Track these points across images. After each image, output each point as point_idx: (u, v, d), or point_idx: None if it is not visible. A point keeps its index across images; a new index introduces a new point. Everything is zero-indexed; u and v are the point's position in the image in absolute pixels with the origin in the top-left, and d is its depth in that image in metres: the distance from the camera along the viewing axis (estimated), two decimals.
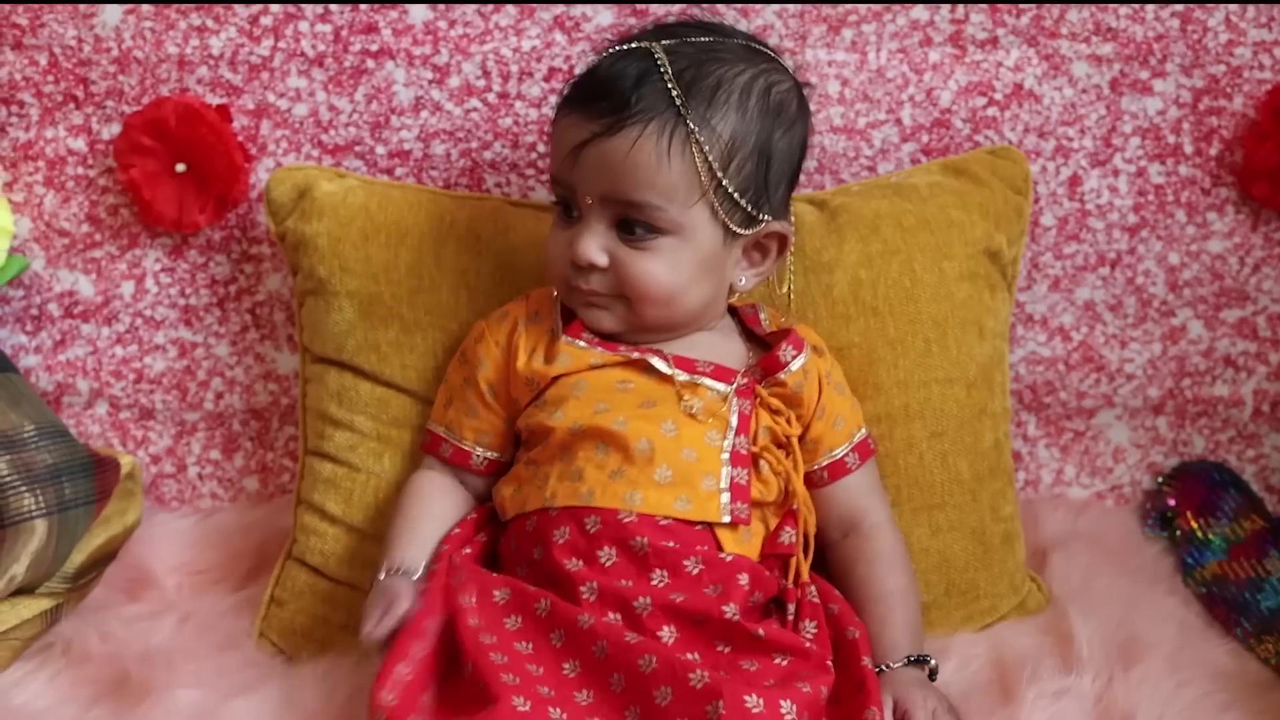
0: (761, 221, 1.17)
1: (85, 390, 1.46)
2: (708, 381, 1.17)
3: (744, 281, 1.20)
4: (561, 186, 1.17)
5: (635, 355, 1.17)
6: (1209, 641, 1.26)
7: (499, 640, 1.07)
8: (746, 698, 0.99)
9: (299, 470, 1.34)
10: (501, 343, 1.21)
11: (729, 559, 1.11)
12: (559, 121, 1.17)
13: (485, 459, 1.22)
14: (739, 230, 1.16)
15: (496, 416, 1.21)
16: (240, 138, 1.41)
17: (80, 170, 1.43)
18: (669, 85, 1.12)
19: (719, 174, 1.13)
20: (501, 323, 1.23)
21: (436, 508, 1.21)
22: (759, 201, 1.16)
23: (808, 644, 1.08)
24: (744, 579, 1.10)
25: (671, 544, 1.10)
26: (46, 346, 1.46)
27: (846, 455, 1.22)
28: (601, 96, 1.13)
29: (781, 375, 1.19)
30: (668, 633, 1.07)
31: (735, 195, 1.14)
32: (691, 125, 1.12)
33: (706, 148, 1.13)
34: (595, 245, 1.15)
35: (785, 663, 1.06)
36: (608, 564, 1.09)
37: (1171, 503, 1.45)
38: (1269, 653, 1.23)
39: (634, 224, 1.14)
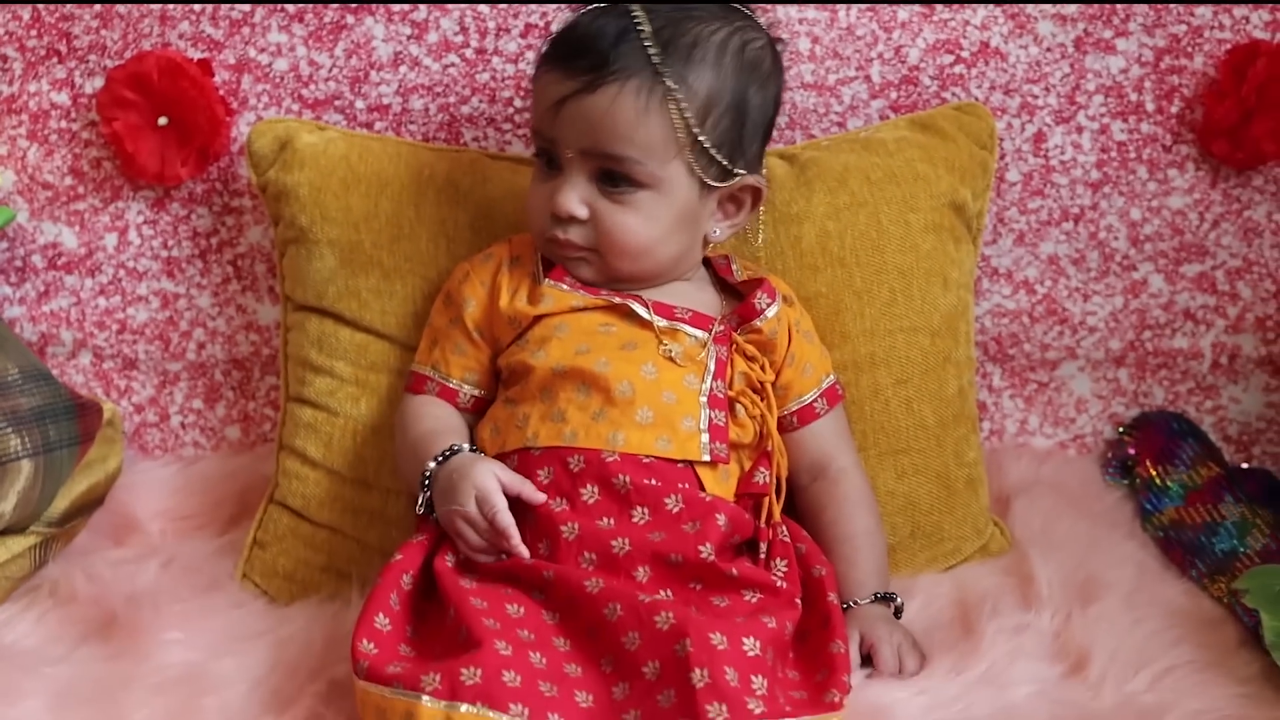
0: (736, 175, 1.20)
1: (69, 341, 1.48)
2: (686, 328, 1.20)
3: (718, 233, 1.23)
4: (542, 139, 1.19)
5: (616, 300, 1.20)
6: (1165, 582, 1.30)
7: (479, 585, 1.09)
8: (711, 635, 1.02)
9: (280, 416, 1.36)
10: (486, 282, 1.23)
11: (708, 499, 1.13)
12: (540, 77, 1.19)
13: (471, 396, 1.24)
14: (714, 184, 1.19)
15: (483, 354, 1.24)
16: (221, 92, 1.43)
17: (63, 124, 1.45)
18: (646, 43, 1.15)
19: (695, 130, 1.16)
20: (486, 263, 1.25)
21: (449, 418, 1.23)
22: (734, 156, 1.19)
23: (778, 581, 1.12)
24: (721, 520, 1.13)
25: (653, 481, 1.13)
26: (31, 298, 1.48)
27: (815, 401, 1.25)
28: (581, 54, 1.15)
29: (757, 322, 1.22)
30: (642, 572, 1.10)
31: (711, 150, 1.17)
32: (669, 83, 1.15)
33: (684, 104, 1.15)
34: (575, 197, 1.17)
35: (755, 599, 1.09)
36: (590, 501, 1.12)
37: (1131, 451, 1.49)
38: (1221, 592, 1.27)
39: (615, 176, 1.17)
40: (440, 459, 1.16)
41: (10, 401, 1.27)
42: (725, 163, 1.18)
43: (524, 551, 1.10)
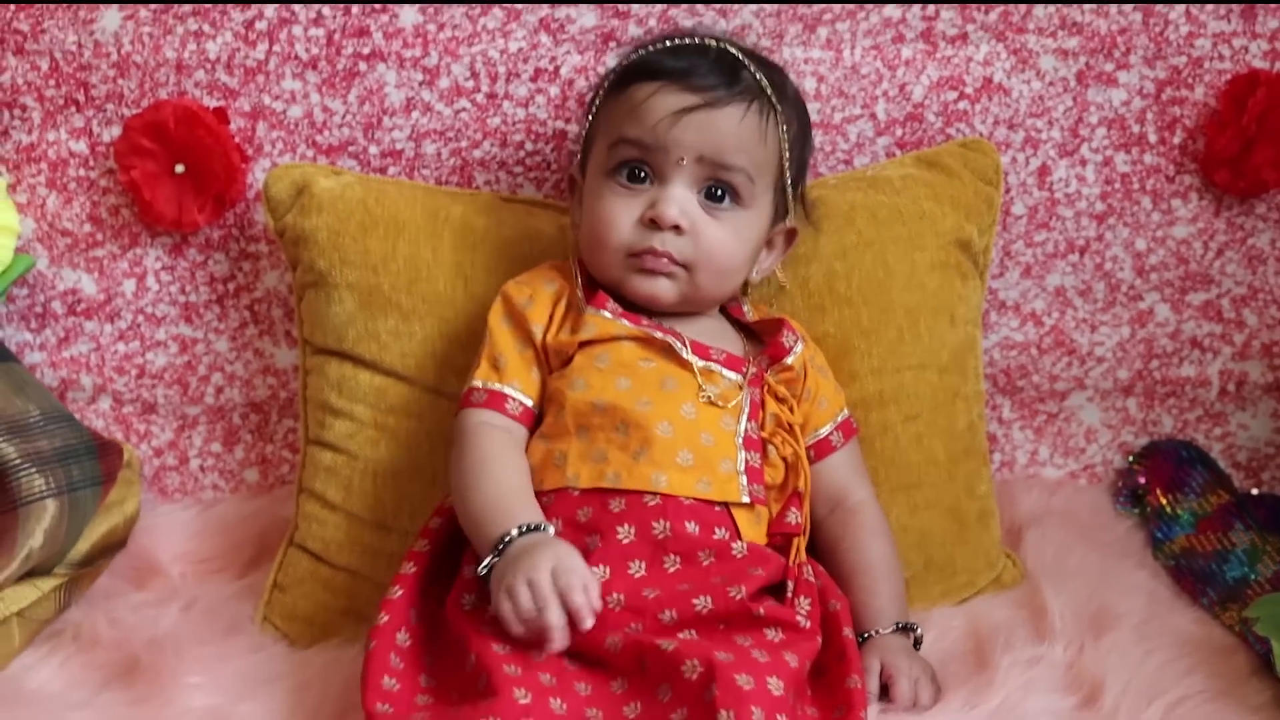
0: (788, 213, 1.25)
1: (89, 386, 1.50)
2: (722, 370, 1.21)
3: (756, 272, 1.27)
4: (641, 148, 1.20)
5: (659, 335, 1.21)
6: (1176, 611, 1.31)
7: (499, 629, 1.08)
8: (737, 676, 1.02)
9: (300, 459, 1.37)
10: (549, 308, 1.23)
11: (741, 555, 1.13)
12: (636, 92, 1.21)
13: (537, 416, 1.22)
14: (781, 217, 1.24)
15: (544, 375, 1.22)
16: (237, 139, 1.45)
17: (82, 172, 1.47)
18: (758, 76, 1.21)
19: (787, 161, 1.22)
20: (548, 289, 1.24)
21: (519, 463, 1.18)
22: (794, 194, 1.25)
23: (802, 621, 1.12)
24: (758, 572, 1.13)
25: (692, 526, 1.13)
26: (51, 343, 1.49)
27: (831, 434, 1.27)
28: (705, 73, 1.20)
29: (789, 360, 1.24)
30: (668, 615, 1.10)
31: (789, 183, 1.23)
32: (780, 111, 1.21)
33: (786, 135, 1.21)
34: (680, 207, 1.19)
35: (778, 638, 1.10)
36: (625, 541, 1.12)
37: (1142, 480, 1.50)
38: (1232, 620, 1.28)
39: (722, 189, 1.20)
40: (523, 530, 1.10)
41: (33, 443, 1.29)
42: (790, 198, 1.24)
43: (559, 646, 1.05)
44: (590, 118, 1.27)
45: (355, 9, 1.42)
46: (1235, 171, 1.46)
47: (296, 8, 1.42)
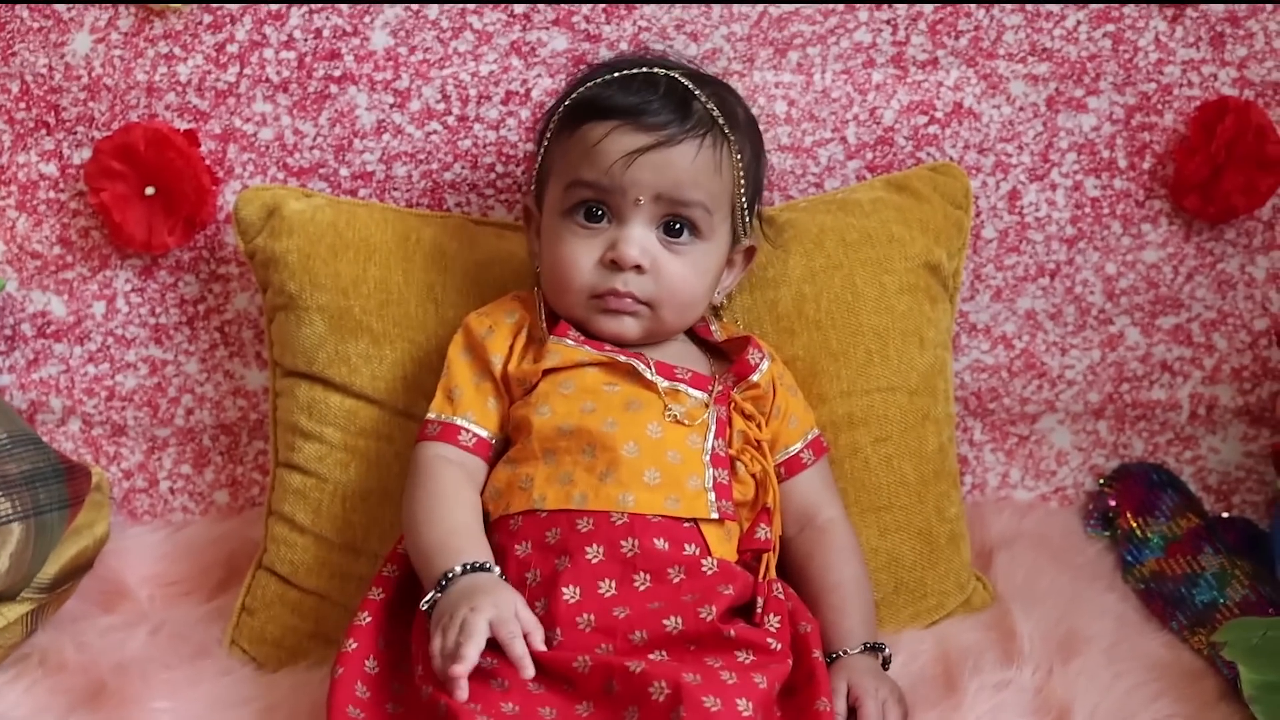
0: (746, 235, 1.26)
1: (58, 408, 1.49)
2: (687, 389, 1.22)
3: (718, 293, 1.28)
4: (597, 190, 1.21)
5: (622, 359, 1.21)
6: (1145, 635, 1.31)
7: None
8: (705, 698, 1.02)
9: (269, 482, 1.37)
10: (509, 339, 1.24)
11: (711, 571, 1.14)
12: (589, 133, 1.21)
13: (499, 450, 1.23)
14: (736, 242, 1.25)
15: (505, 406, 1.23)
16: (207, 161, 1.44)
17: (52, 194, 1.47)
18: (709, 106, 1.21)
19: (743, 188, 1.23)
20: (509, 320, 1.25)
21: (470, 500, 1.19)
22: (750, 216, 1.26)
23: (771, 641, 1.12)
24: (728, 590, 1.13)
25: (662, 543, 1.14)
26: (20, 366, 1.49)
27: (801, 451, 1.27)
28: (657, 110, 1.20)
29: (754, 377, 1.24)
30: (639, 635, 1.10)
31: (744, 209, 1.24)
32: (733, 141, 1.21)
33: (740, 162, 1.22)
34: (640, 247, 1.20)
35: (748, 659, 1.10)
36: (594, 561, 1.12)
37: (1112, 503, 1.50)
38: (1201, 644, 1.28)
39: (680, 225, 1.21)
40: (466, 569, 1.11)
41: None
42: (746, 222, 1.24)
43: (461, 696, 1.03)
44: (542, 151, 1.27)
45: (325, 31, 1.42)
46: (1205, 197, 1.47)
47: (267, 30, 1.42)
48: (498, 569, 1.12)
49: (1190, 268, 1.50)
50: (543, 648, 1.07)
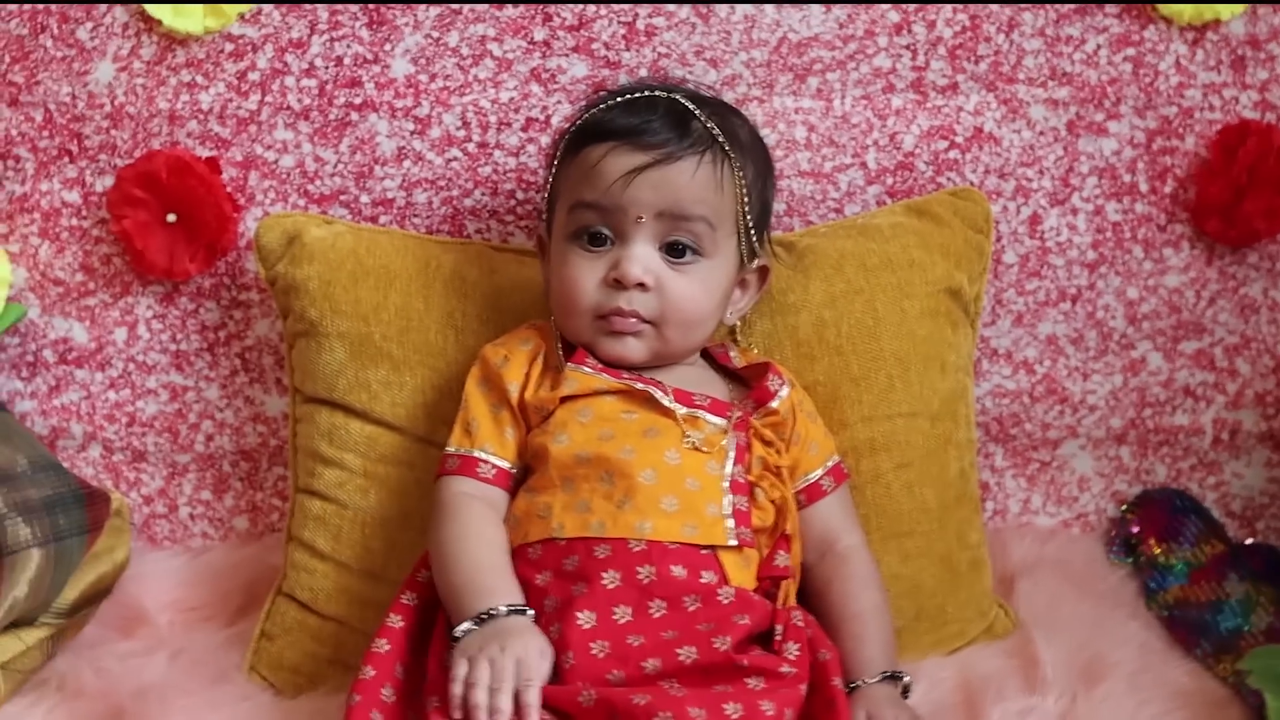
0: (758, 254, 1.25)
1: (79, 434, 1.50)
2: (706, 415, 1.21)
3: (731, 315, 1.27)
4: (598, 212, 1.21)
5: (639, 386, 1.21)
6: (1169, 663, 1.30)
7: None
8: (691, 709, 1.02)
9: (290, 508, 1.37)
10: (524, 367, 1.24)
11: (728, 601, 1.13)
12: (589, 155, 1.21)
13: (519, 480, 1.23)
14: (746, 261, 1.24)
15: (523, 436, 1.23)
16: (229, 188, 1.45)
17: (74, 221, 1.48)
18: (709, 125, 1.21)
19: (746, 206, 1.22)
20: (523, 348, 1.25)
21: (496, 536, 1.19)
22: (760, 235, 1.25)
23: (784, 666, 1.12)
24: (744, 620, 1.13)
25: (679, 570, 1.13)
26: (42, 392, 1.50)
27: (822, 479, 1.27)
28: (656, 129, 1.20)
29: (773, 404, 1.24)
30: (651, 665, 1.10)
31: (751, 227, 1.23)
32: (734, 158, 1.21)
33: (743, 180, 1.22)
34: (643, 265, 1.20)
35: (759, 685, 1.09)
36: (610, 587, 1.12)
37: (1135, 529, 1.49)
38: (1227, 671, 1.27)
39: (683, 244, 1.21)
40: (509, 610, 1.12)
41: (20, 492, 1.29)
42: (755, 240, 1.24)
43: None
44: (550, 179, 1.27)
45: (346, 59, 1.43)
46: (1227, 221, 1.46)
47: (289, 58, 1.43)
48: (532, 612, 1.13)
49: (1212, 292, 1.50)
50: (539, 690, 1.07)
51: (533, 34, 1.44)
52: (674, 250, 1.21)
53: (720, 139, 1.21)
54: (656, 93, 1.24)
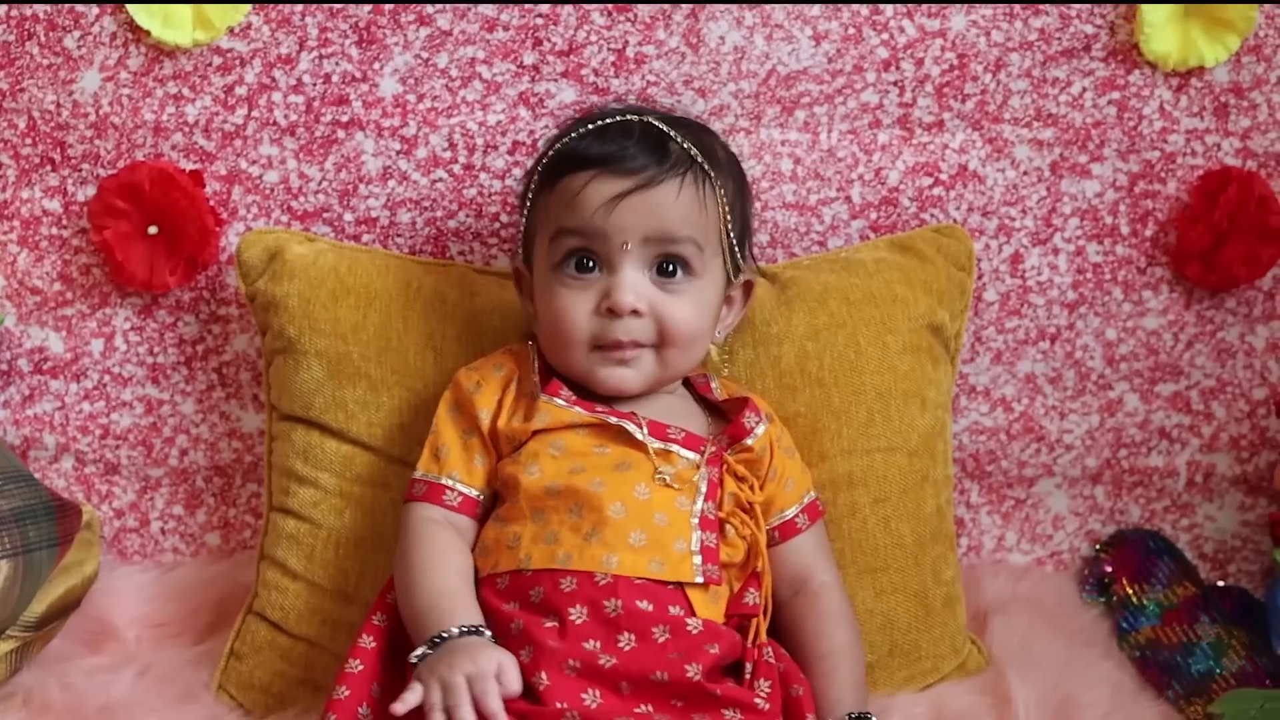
0: (741, 271, 1.25)
1: (52, 445, 1.49)
2: (679, 450, 1.21)
3: (719, 331, 1.28)
4: (583, 239, 1.21)
5: (613, 420, 1.21)
6: (1141, 704, 1.30)
7: None
8: None
9: (263, 526, 1.36)
10: (497, 394, 1.24)
11: (696, 631, 1.13)
12: (569, 185, 1.21)
13: (486, 507, 1.23)
14: (732, 277, 1.25)
15: (493, 463, 1.23)
16: (212, 202, 1.45)
17: (54, 230, 1.47)
18: (686, 145, 1.21)
19: (729, 223, 1.22)
20: (497, 374, 1.25)
21: (457, 561, 1.19)
22: (743, 252, 1.26)
23: (759, 701, 1.12)
24: (714, 648, 1.13)
25: (645, 604, 1.13)
26: (15, 401, 1.48)
27: (797, 516, 1.26)
28: (634, 155, 1.20)
29: (748, 441, 1.23)
30: (625, 686, 1.10)
31: (735, 245, 1.24)
32: (714, 177, 1.21)
33: (724, 198, 1.22)
34: (635, 291, 1.20)
35: (736, 718, 1.09)
36: (578, 622, 1.12)
37: (1108, 569, 1.50)
38: (1198, 715, 1.27)
39: (673, 264, 1.21)
40: (461, 631, 1.12)
41: None
42: (739, 257, 1.25)
43: None
44: (526, 210, 1.27)
45: (335, 77, 1.43)
46: (1206, 265, 1.47)
47: (276, 74, 1.43)
48: (489, 633, 1.13)
49: (1190, 335, 1.50)
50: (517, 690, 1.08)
51: (522, 58, 1.44)
52: (664, 272, 1.21)
53: (699, 159, 1.22)
54: (629, 117, 1.24)
